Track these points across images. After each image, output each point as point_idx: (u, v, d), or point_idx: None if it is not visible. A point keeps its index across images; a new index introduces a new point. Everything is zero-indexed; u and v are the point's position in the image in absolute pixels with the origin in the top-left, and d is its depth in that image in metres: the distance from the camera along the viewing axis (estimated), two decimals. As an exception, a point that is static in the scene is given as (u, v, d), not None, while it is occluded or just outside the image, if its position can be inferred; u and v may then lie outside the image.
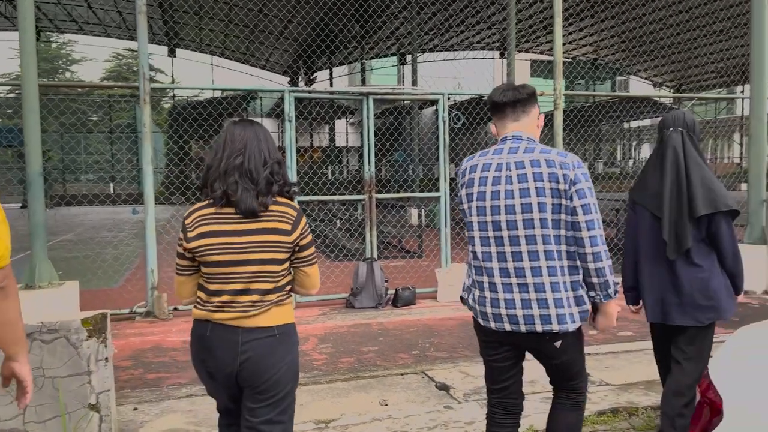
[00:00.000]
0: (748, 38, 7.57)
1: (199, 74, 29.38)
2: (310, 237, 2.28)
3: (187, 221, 2.20)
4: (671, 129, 3.19)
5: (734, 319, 3.87)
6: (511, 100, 2.45)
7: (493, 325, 2.41)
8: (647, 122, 42.04)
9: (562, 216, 2.28)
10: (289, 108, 6.70)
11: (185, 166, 20.62)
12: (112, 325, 6.13)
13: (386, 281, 6.93)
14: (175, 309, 6.49)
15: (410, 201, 15.68)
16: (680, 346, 3.07)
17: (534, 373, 4.48)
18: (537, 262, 2.30)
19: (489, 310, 2.40)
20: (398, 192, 19.58)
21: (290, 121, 6.69)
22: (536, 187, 2.28)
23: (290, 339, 2.24)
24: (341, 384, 4.41)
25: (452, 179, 7.81)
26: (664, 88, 33.87)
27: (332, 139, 28.90)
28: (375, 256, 7.08)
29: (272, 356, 2.17)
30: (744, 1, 17.13)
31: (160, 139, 31.57)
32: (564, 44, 10.74)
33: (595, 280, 2.28)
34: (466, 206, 2.47)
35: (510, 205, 2.32)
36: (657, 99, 29.01)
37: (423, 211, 14.59)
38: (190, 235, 2.17)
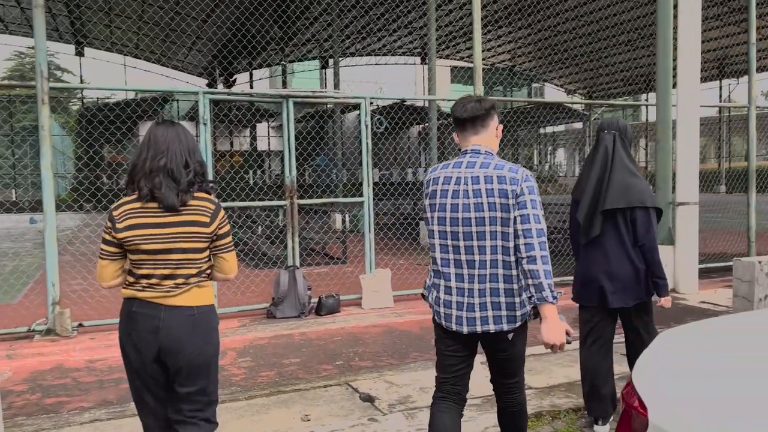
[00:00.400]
0: (653, 49, 7.94)
1: (111, 75, 27.97)
2: (227, 227, 2.56)
3: (115, 213, 2.44)
4: (606, 131, 3.59)
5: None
6: (470, 116, 2.65)
7: (443, 323, 2.68)
8: (561, 128, 43.86)
9: (511, 228, 2.51)
10: (204, 110, 6.39)
11: (90, 171, 19.50)
12: (7, 344, 5.63)
13: (309, 289, 6.74)
14: (80, 325, 6.03)
15: (334, 206, 15.52)
16: (629, 324, 3.59)
17: (459, 379, 4.46)
18: (485, 270, 2.55)
19: (442, 310, 2.67)
20: (321, 197, 19.38)
21: (205, 124, 6.39)
22: (489, 203, 2.51)
23: (210, 318, 2.52)
24: (261, 400, 4.19)
25: (376, 184, 7.77)
26: (576, 95, 35.44)
27: (253, 143, 28.27)
28: (297, 263, 6.88)
29: (192, 334, 2.44)
30: (649, 14, 18.12)
31: (70, 143, 29.82)
32: (482, 51, 10.86)
33: (529, 281, 2.47)
34: (429, 215, 2.69)
35: (466, 217, 2.55)
36: (570, 105, 30.29)
37: (347, 216, 14.46)
38: (119, 226, 2.41)
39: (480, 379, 4.46)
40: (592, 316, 3.59)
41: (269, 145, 31.20)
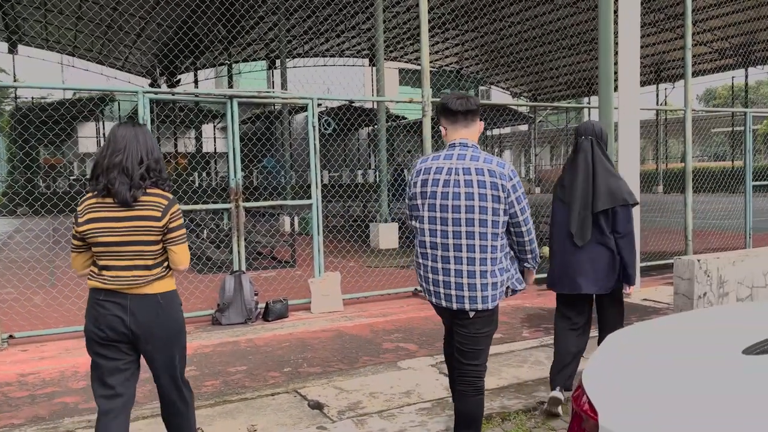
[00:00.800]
0: (594, 53, 8.12)
1: (48, 74, 26.83)
2: (179, 222, 2.73)
3: (78, 209, 2.66)
4: (583, 137, 3.89)
5: (594, 315, 4.11)
6: (464, 110, 2.94)
7: (434, 300, 3.01)
8: (507, 130, 44.67)
9: (499, 218, 2.84)
10: (144, 110, 6.15)
11: (22, 174, 18.58)
12: (-72, 360, 5.24)
13: (256, 294, 6.58)
14: (11, 337, 5.69)
15: (282, 208, 15.28)
16: (602, 307, 3.98)
17: (409, 382, 4.42)
18: (473, 254, 2.84)
19: (432, 288, 2.99)
20: (267, 199, 19.07)
21: (144, 125, 6.14)
22: (479, 193, 2.81)
23: (173, 301, 2.76)
24: (205, 411, 4.03)
25: (325, 186, 7.66)
26: (522, 98, 36.15)
27: (199, 145, 27.64)
28: (243, 268, 6.70)
29: (159, 317, 2.67)
30: (590, 19, 18.64)
31: (1, 144, 28.43)
32: (430, 54, 10.91)
33: (529, 256, 3.03)
34: (419, 202, 2.96)
35: (456, 205, 2.84)
36: (515, 108, 30.85)
37: (295, 218, 14.27)
38: (80, 220, 2.63)
39: (431, 381, 4.44)
40: (569, 302, 3.95)
41: (215, 146, 30.57)
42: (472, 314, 2.90)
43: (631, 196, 3.79)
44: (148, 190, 2.65)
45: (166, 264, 2.74)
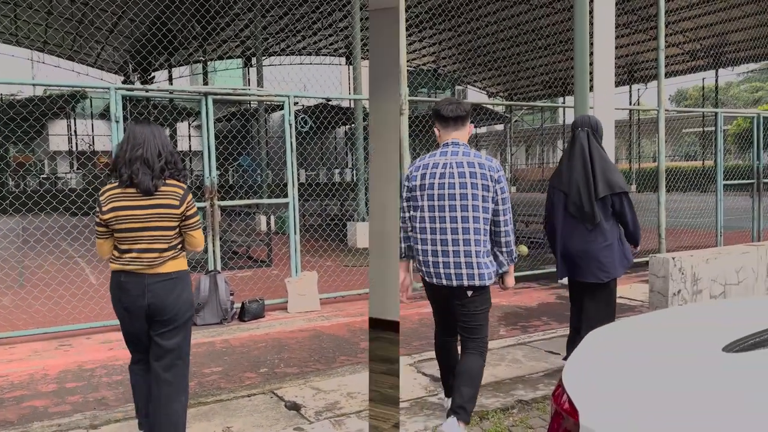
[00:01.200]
0: (570, 54, 8.17)
1: (18, 70, 26.23)
2: (195, 209, 3.08)
3: (101, 198, 2.95)
4: (579, 129, 4.08)
5: (567, 313, 4.22)
6: (454, 116, 3.38)
7: (434, 281, 3.36)
8: (483, 129, 44.92)
9: (488, 204, 3.26)
10: (116, 107, 6.01)
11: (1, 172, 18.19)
12: None
13: (232, 294, 6.48)
14: (-23, 340, 5.53)
15: (258, 207, 15.13)
16: (590, 296, 4.15)
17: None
18: (467, 236, 3.24)
19: (432, 270, 3.35)
20: (243, 198, 18.88)
21: (117, 122, 6.01)
22: (471, 183, 3.24)
23: (185, 280, 3.08)
24: (180, 413, 3.95)
25: (301, 184, 7.57)
26: (498, 97, 36.36)
27: (173, 143, 27.34)
28: (218, 268, 6.60)
29: (172, 293, 2.99)
30: (566, 20, 18.82)
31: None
32: (407, 53, 10.87)
33: (504, 249, 3.36)
34: (419, 194, 3.36)
35: (451, 194, 3.26)
36: (491, 107, 31.04)
37: (272, 217, 14.13)
38: (104, 209, 2.92)
39: (408, 381, 4.41)
40: (574, 288, 4.25)
41: (190, 145, 30.20)
42: (470, 293, 3.27)
43: (626, 185, 4.03)
44: (166, 181, 2.97)
45: (180, 246, 3.07)
